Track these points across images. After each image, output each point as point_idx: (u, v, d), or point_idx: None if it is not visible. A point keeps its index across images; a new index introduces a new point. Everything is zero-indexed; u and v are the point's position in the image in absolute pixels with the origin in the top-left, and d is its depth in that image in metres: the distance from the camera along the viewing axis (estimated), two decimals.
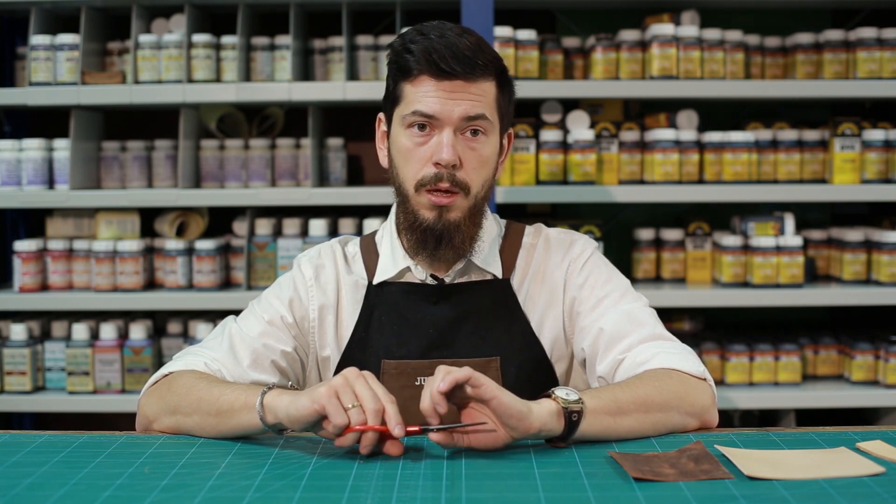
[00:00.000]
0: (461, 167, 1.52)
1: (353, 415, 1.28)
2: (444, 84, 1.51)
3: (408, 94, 1.53)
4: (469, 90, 1.51)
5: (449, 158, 1.50)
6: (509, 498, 1.18)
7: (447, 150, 1.50)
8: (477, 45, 1.53)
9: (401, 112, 1.55)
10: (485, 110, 1.53)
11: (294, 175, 2.85)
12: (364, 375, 1.32)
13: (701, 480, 1.22)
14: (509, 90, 1.60)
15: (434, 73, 1.51)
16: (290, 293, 1.64)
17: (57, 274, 2.79)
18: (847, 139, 2.72)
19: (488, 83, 1.54)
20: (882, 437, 1.38)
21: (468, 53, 1.50)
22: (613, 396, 1.37)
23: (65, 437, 1.46)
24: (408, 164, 1.54)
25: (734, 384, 2.77)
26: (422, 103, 1.51)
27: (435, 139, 1.52)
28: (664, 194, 2.69)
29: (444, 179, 1.51)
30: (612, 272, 1.66)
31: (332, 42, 2.84)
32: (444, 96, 1.51)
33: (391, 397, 1.31)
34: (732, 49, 2.74)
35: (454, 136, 1.52)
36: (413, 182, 1.54)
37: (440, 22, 1.57)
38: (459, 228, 1.55)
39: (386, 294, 1.63)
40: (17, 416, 3.01)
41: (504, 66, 1.58)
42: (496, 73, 1.55)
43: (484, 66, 1.52)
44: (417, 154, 1.53)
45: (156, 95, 2.71)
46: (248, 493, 1.20)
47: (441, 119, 1.51)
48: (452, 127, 1.51)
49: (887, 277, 2.70)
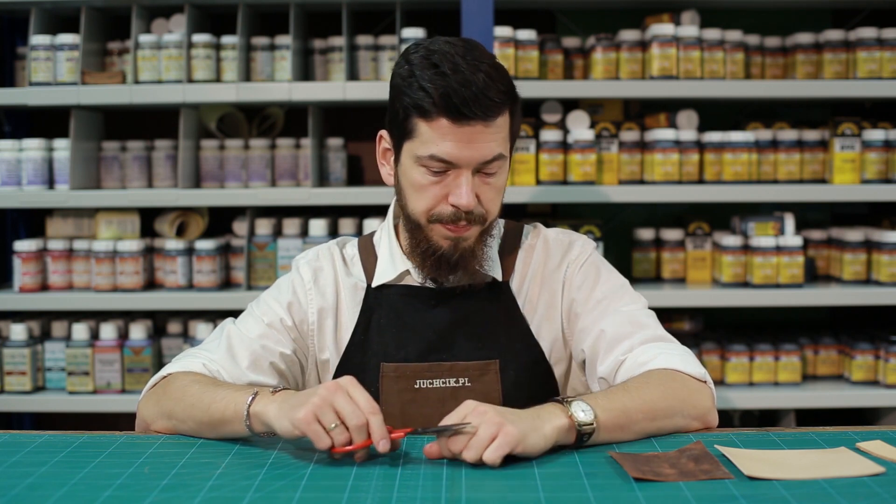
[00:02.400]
0: (478, 203, 1.51)
1: (335, 435, 1.28)
2: (464, 129, 1.46)
3: (423, 132, 1.48)
4: (487, 132, 1.47)
5: (468, 203, 1.48)
6: (509, 498, 1.18)
7: (467, 195, 1.48)
8: (490, 76, 1.46)
9: (414, 149, 1.50)
10: (501, 149, 1.50)
11: (294, 175, 2.85)
12: (345, 387, 1.31)
13: (701, 480, 1.22)
14: (518, 109, 1.56)
15: (453, 117, 1.45)
16: (288, 296, 1.64)
17: (57, 274, 2.79)
18: (847, 139, 2.72)
19: (503, 117, 1.50)
20: (882, 437, 1.38)
21: (488, 94, 1.45)
22: (624, 407, 1.37)
23: (65, 437, 1.46)
24: (421, 199, 1.52)
25: (734, 384, 2.77)
26: (439, 147, 1.47)
27: (451, 179, 1.49)
28: (664, 194, 2.69)
29: (462, 219, 1.50)
30: (611, 273, 1.66)
31: (332, 42, 2.84)
32: (464, 140, 1.46)
33: (374, 407, 1.30)
34: (732, 49, 2.74)
35: (473, 177, 1.49)
36: (425, 216, 1.52)
37: (449, 45, 1.49)
38: (474, 254, 1.55)
39: (385, 297, 1.63)
40: (17, 416, 3.01)
41: (514, 88, 1.53)
42: (510, 101, 1.51)
43: (501, 103, 1.48)
44: (431, 191, 1.50)
45: (156, 95, 2.71)
46: (248, 493, 1.20)
47: (460, 164, 1.48)
48: (470, 169, 1.49)
49: (887, 277, 2.70)
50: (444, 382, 1.57)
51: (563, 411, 1.33)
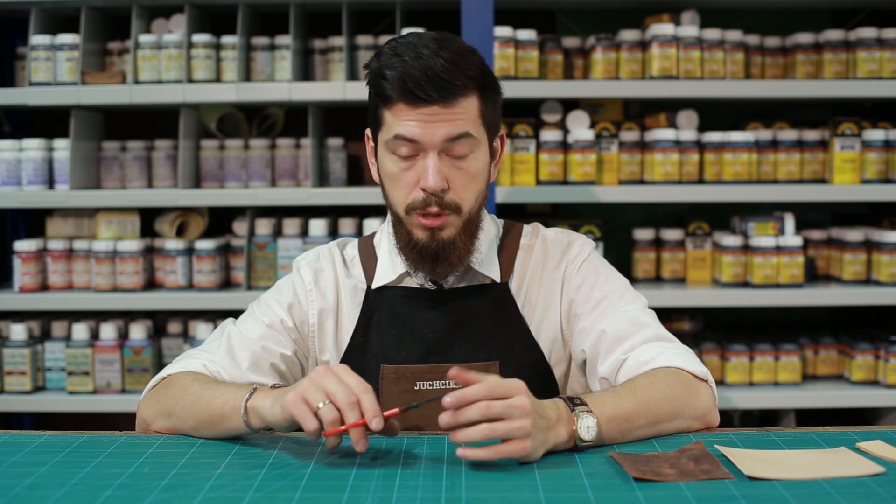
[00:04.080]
0: (449, 189, 1.50)
1: (323, 415, 1.26)
2: (422, 110, 1.47)
3: (387, 119, 1.50)
4: (448, 112, 1.47)
5: (434, 185, 1.48)
6: (509, 498, 1.18)
7: (433, 176, 1.48)
8: (453, 62, 1.47)
9: (383, 137, 1.52)
10: (468, 128, 1.49)
11: (294, 175, 2.85)
12: (335, 370, 1.30)
13: (701, 480, 1.22)
14: (494, 97, 1.55)
15: (410, 100, 1.47)
16: (289, 297, 1.64)
17: (57, 274, 2.79)
18: (847, 139, 2.72)
19: (469, 100, 1.49)
20: (882, 437, 1.38)
21: (445, 76, 1.45)
22: (627, 414, 1.37)
23: (65, 437, 1.46)
24: (396, 189, 1.53)
25: (734, 384, 2.77)
26: (402, 127, 1.48)
27: (420, 164, 1.50)
28: (664, 194, 2.69)
29: (433, 204, 1.49)
30: (611, 273, 1.66)
31: (332, 42, 2.84)
32: (424, 120, 1.47)
33: (366, 386, 1.28)
34: (732, 49, 2.74)
35: (439, 158, 1.49)
36: (403, 206, 1.52)
37: (416, 36, 1.51)
38: (454, 245, 1.53)
39: (385, 298, 1.63)
40: (17, 416, 3.01)
41: (486, 76, 1.53)
42: (477, 87, 1.51)
43: (463, 85, 1.47)
44: (404, 178, 1.51)
45: (156, 95, 2.71)
46: (248, 493, 1.20)
47: (423, 143, 1.48)
48: (436, 150, 1.49)
49: (887, 277, 2.70)
50: (444, 384, 1.57)
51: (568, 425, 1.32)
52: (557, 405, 1.33)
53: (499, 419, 1.24)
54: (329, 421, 1.26)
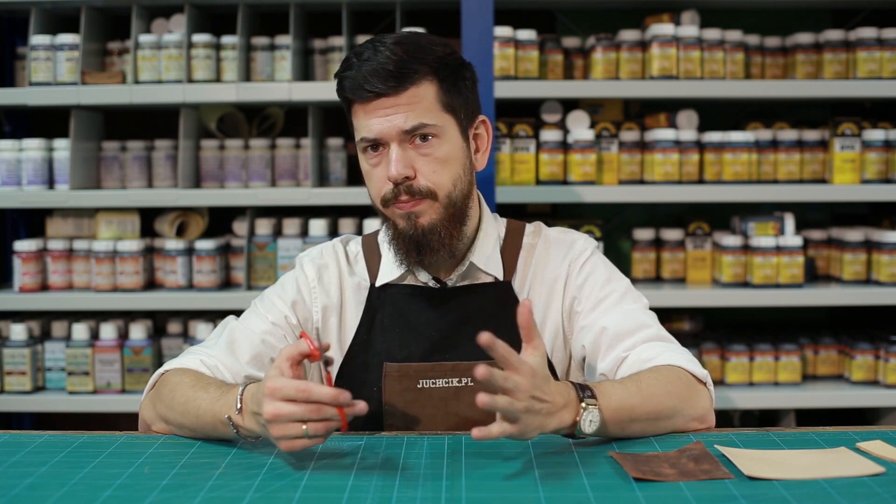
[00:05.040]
0: (415, 177, 1.52)
1: (314, 433, 1.25)
2: (374, 104, 1.51)
3: (355, 122, 1.56)
4: (399, 102, 1.51)
5: (396, 174, 1.51)
6: (509, 498, 1.18)
7: (394, 165, 1.51)
8: (403, 53, 1.50)
9: (356, 139, 1.57)
10: (425, 114, 1.51)
11: (294, 175, 2.85)
12: (270, 394, 1.26)
13: (701, 480, 1.22)
14: (458, 82, 1.57)
15: (363, 98, 1.52)
16: (293, 294, 1.64)
17: (57, 274, 2.79)
18: (847, 139, 2.72)
19: (423, 87, 1.52)
20: (882, 437, 1.38)
21: (389, 67, 1.49)
22: (631, 409, 1.37)
23: (65, 437, 1.46)
24: (371, 185, 1.58)
25: (734, 384, 2.77)
26: (364, 125, 1.53)
27: (386, 157, 1.54)
28: (664, 194, 2.69)
29: (402, 193, 1.53)
30: (612, 272, 1.66)
31: (332, 42, 2.84)
32: (380, 115, 1.51)
33: (307, 389, 1.24)
34: (732, 49, 2.74)
35: (402, 149, 1.52)
36: (379, 200, 1.56)
37: (378, 37, 1.55)
38: (435, 231, 1.54)
39: (388, 296, 1.63)
40: (17, 416, 3.01)
41: (446, 62, 1.55)
42: (433, 73, 1.53)
43: (413, 72, 1.50)
44: (376, 174, 1.56)
45: (156, 95, 2.71)
46: (248, 493, 1.20)
47: (382, 136, 1.52)
48: (396, 141, 1.52)
49: (887, 277, 2.70)
50: (446, 382, 1.57)
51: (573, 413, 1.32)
52: (568, 391, 1.32)
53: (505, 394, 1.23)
54: (325, 432, 1.26)
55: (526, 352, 1.29)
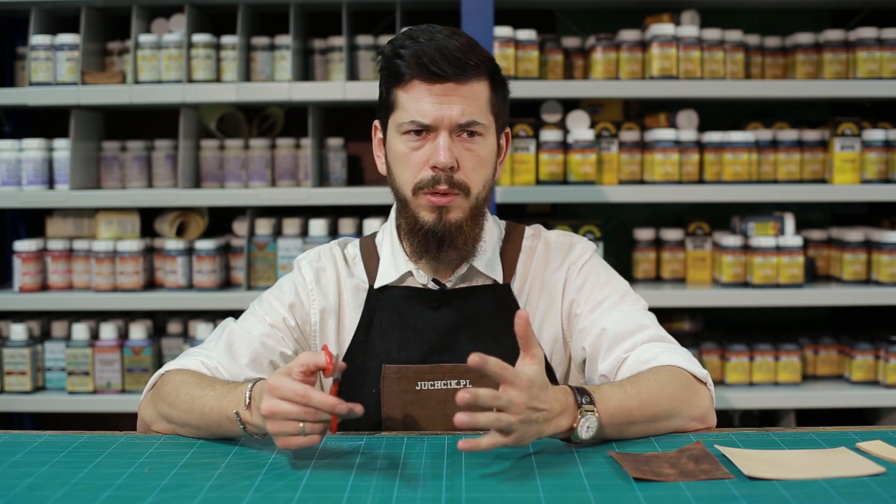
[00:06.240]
0: (458, 169, 1.52)
1: (312, 432, 1.26)
2: (437, 88, 1.50)
3: (402, 100, 1.53)
4: (461, 92, 1.51)
5: (446, 161, 1.50)
6: (509, 498, 1.18)
7: (444, 153, 1.50)
8: (468, 45, 1.52)
9: (396, 119, 1.54)
10: (479, 112, 1.53)
11: (294, 175, 2.85)
12: (272, 392, 1.26)
13: (701, 480, 1.22)
14: (503, 90, 1.60)
15: (425, 77, 1.50)
16: (291, 297, 1.64)
17: (57, 274, 2.79)
18: (847, 139, 2.72)
19: (481, 84, 1.53)
20: (882, 437, 1.38)
21: (458, 55, 1.49)
22: (629, 410, 1.37)
23: (65, 437, 1.46)
24: (405, 169, 1.54)
25: (734, 384, 2.77)
26: (416, 111, 1.51)
27: (431, 143, 1.52)
28: (664, 194, 2.69)
29: (442, 182, 1.51)
30: (611, 275, 1.66)
31: (332, 42, 2.84)
32: (437, 100, 1.50)
33: (304, 392, 1.25)
34: (732, 49, 2.74)
35: (450, 138, 1.51)
36: (411, 186, 1.53)
37: (430, 25, 1.55)
38: (461, 229, 1.54)
39: (387, 298, 1.63)
40: (17, 416, 3.01)
41: (496, 66, 1.58)
42: (488, 73, 1.55)
43: (476, 66, 1.51)
44: (414, 158, 1.53)
45: (156, 95, 2.71)
46: (248, 493, 1.20)
47: (436, 120, 1.51)
48: (448, 129, 1.51)
49: (887, 277, 2.70)
50: (445, 384, 1.57)
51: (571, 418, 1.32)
52: (566, 397, 1.32)
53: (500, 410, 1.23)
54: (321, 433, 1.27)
55: (524, 361, 1.29)
